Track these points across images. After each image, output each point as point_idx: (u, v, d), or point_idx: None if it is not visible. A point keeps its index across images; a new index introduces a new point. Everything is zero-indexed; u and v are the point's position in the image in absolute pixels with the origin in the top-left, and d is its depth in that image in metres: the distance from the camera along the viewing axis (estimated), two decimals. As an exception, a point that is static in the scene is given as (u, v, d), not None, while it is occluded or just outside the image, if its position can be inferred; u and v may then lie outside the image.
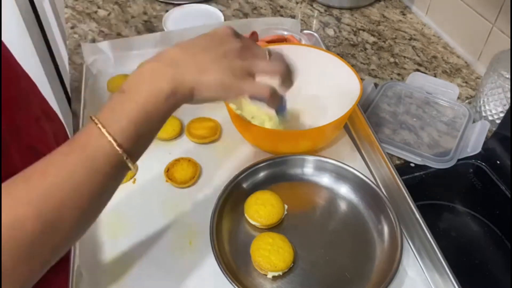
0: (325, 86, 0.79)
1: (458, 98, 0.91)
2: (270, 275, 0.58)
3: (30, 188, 0.39)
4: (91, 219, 0.44)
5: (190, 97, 0.47)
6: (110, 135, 0.41)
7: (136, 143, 0.44)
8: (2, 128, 0.52)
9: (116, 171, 0.43)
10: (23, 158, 0.49)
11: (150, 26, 1.09)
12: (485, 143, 0.80)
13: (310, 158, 0.70)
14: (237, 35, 0.51)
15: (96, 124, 0.42)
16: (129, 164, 0.44)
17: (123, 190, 0.70)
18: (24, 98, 0.59)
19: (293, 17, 1.15)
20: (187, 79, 0.46)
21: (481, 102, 0.85)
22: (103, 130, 0.41)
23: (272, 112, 0.59)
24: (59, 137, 0.70)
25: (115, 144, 0.41)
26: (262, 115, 0.78)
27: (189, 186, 0.70)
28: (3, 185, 0.39)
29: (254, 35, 0.90)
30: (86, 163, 0.41)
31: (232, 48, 0.49)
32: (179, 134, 0.78)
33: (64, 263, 0.63)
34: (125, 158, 0.42)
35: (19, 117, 0.57)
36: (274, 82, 0.52)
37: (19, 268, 0.37)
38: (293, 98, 0.81)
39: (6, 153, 0.53)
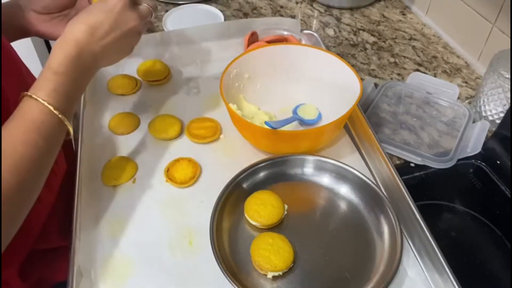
0: (325, 86, 0.79)
1: (458, 98, 0.91)
2: (270, 275, 0.58)
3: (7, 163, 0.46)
4: (45, 173, 0.52)
5: (94, 63, 0.57)
6: (44, 100, 0.50)
7: (69, 108, 0.53)
8: None
9: (56, 130, 0.52)
10: None
11: (150, 26, 1.09)
12: (485, 143, 0.80)
13: (310, 158, 0.70)
14: (131, 4, 0.60)
15: (30, 95, 0.50)
16: (68, 125, 0.52)
17: (123, 190, 0.70)
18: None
19: (293, 17, 1.15)
20: (99, 63, 0.58)
21: (481, 102, 0.85)
22: (38, 99, 0.50)
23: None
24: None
25: (51, 108, 0.50)
26: (262, 115, 0.78)
27: (189, 186, 0.70)
28: None
29: (254, 35, 0.90)
30: (40, 133, 0.49)
31: (132, 24, 0.60)
32: (179, 134, 0.78)
33: (64, 236, 0.63)
34: (61, 117, 0.51)
35: None
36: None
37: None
38: (293, 99, 0.82)
39: None
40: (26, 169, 0.47)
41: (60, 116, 0.51)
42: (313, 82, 0.80)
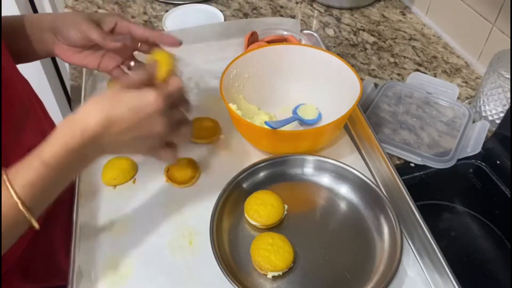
0: (325, 86, 0.79)
1: (458, 98, 0.91)
2: (270, 275, 0.58)
3: None
4: None
5: (95, 156, 0.52)
6: (15, 192, 0.45)
7: (40, 200, 0.47)
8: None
9: (17, 224, 0.47)
10: None
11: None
12: (485, 143, 0.80)
13: (310, 158, 0.70)
14: (166, 106, 0.51)
15: (4, 179, 0.45)
16: (32, 222, 0.47)
17: (123, 190, 0.70)
18: (21, 123, 0.61)
19: (293, 17, 1.15)
20: (101, 156, 0.52)
21: (481, 102, 0.85)
22: (10, 187, 0.45)
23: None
24: None
25: (19, 202, 0.45)
26: (262, 115, 0.78)
27: (189, 186, 0.70)
28: None
29: (254, 35, 0.90)
30: None
31: (156, 130, 0.52)
32: (179, 134, 0.78)
33: (64, 262, 0.63)
34: (27, 215, 0.46)
35: (13, 145, 0.58)
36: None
37: None
38: (293, 99, 0.82)
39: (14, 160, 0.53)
40: None
41: (26, 213, 0.46)
42: (313, 82, 0.80)
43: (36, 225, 0.47)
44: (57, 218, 0.70)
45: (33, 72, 0.68)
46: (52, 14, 0.66)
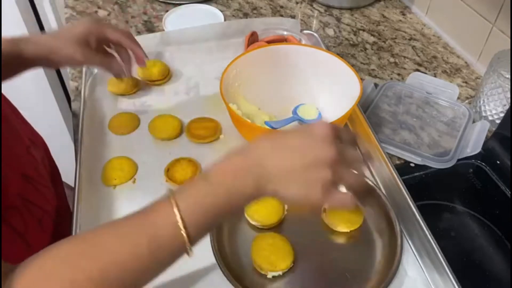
0: (325, 86, 0.79)
1: (458, 98, 0.91)
2: (270, 275, 0.58)
3: (92, 264, 0.39)
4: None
5: (269, 196, 0.46)
6: (186, 229, 0.41)
7: (200, 233, 0.43)
8: (2, 160, 0.53)
9: (175, 253, 0.43)
10: (18, 186, 0.49)
11: (150, 26, 1.09)
12: (485, 143, 0.80)
13: (310, 158, 0.70)
14: (335, 136, 0.47)
15: (172, 203, 0.42)
16: (188, 249, 0.43)
17: (123, 190, 0.70)
18: (13, 126, 0.60)
19: (293, 17, 1.15)
20: (269, 187, 0.44)
21: (481, 102, 0.85)
22: (179, 224, 0.41)
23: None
24: (46, 163, 0.71)
25: (186, 239, 0.41)
26: (263, 115, 0.78)
27: (189, 186, 0.70)
28: (58, 243, 0.39)
29: (254, 35, 0.90)
30: (152, 251, 0.41)
31: (325, 156, 0.45)
32: (179, 134, 0.78)
33: None
34: (188, 249, 0.42)
35: (12, 145, 0.58)
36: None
37: None
38: (293, 99, 0.82)
39: (5, 183, 0.53)
40: (114, 279, 0.39)
41: (187, 242, 0.42)
42: (313, 82, 0.80)
43: (191, 253, 0.43)
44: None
45: (33, 72, 0.68)
46: (44, 42, 0.66)
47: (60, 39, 0.66)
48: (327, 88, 0.78)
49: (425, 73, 0.98)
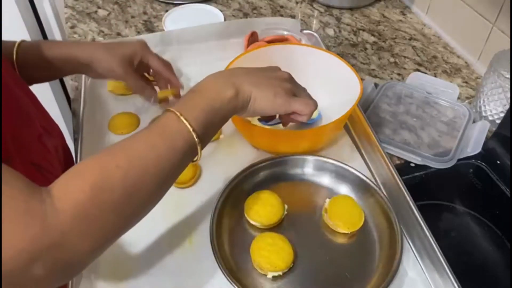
0: (325, 86, 0.79)
1: (458, 98, 0.91)
2: (270, 275, 0.58)
3: (119, 156, 0.45)
4: (164, 190, 0.50)
5: (247, 102, 0.56)
6: (187, 120, 0.49)
7: (205, 131, 0.51)
8: (8, 144, 0.52)
9: (188, 153, 0.50)
10: (27, 174, 0.49)
11: (150, 26, 1.09)
12: (485, 143, 0.80)
13: (310, 158, 0.70)
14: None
15: (175, 112, 0.49)
16: (198, 148, 0.51)
17: (123, 190, 0.70)
18: (25, 115, 0.60)
19: (293, 17, 1.15)
20: (246, 87, 0.56)
21: (481, 102, 0.85)
22: (181, 117, 0.49)
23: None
24: (60, 153, 0.70)
25: (190, 128, 0.49)
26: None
27: (189, 186, 0.70)
28: (91, 156, 0.45)
29: (254, 35, 0.90)
30: (166, 141, 0.48)
31: (284, 75, 0.61)
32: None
33: None
34: (197, 142, 0.50)
35: (23, 134, 0.58)
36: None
37: (101, 222, 0.43)
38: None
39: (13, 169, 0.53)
40: (138, 167, 0.45)
41: (193, 133, 0.50)
42: (313, 82, 0.80)
43: (200, 153, 0.51)
44: None
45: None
46: (90, 49, 0.72)
47: (107, 51, 0.72)
48: (327, 88, 0.78)
49: (425, 73, 0.98)
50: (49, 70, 0.70)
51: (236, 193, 0.66)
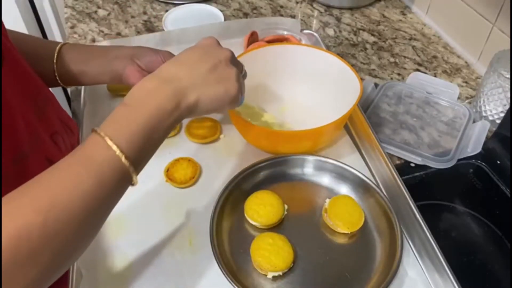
0: (325, 86, 0.79)
1: (458, 98, 0.91)
2: (270, 275, 0.58)
3: (38, 197, 0.38)
4: (93, 230, 0.44)
5: (194, 108, 0.50)
6: (117, 145, 0.42)
7: (141, 155, 0.45)
8: (24, 141, 0.52)
9: (121, 183, 0.44)
10: (42, 169, 0.49)
11: (150, 26, 1.09)
12: (485, 143, 0.80)
13: (310, 158, 0.70)
14: (219, 44, 0.56)
15: (102, 136, 0.42)
16: (133, 177, 0.44)
17: (123, 190, 0.70)
18: (42, 110, 0.60)
19: (293, 17, 1.15)
20: (190, 93, 0.49)
21: (481, 102, 0.85)
22: (110, 142, 0.42)
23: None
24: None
25: (121, 156, 0.42)
26: (262, 116, 0.78)
27: (189, 186, 0.70)
28: (9, 194, 0.39)
29: (254, 35, 0.90)
30: (92, 175, 0.41)
31: (224, 55, 0.54)
32: (179, 133, 0.78)
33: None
34: (130, 170, 0.43)
35: (38, 129, 0.58)
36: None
37: (18, 276, 0.36)
38: (293, 99, 0.82)
39: (26, 163, 0.53)
40: (61, 211, 0.38)
41: (124, 160, 0.42)
42: (313, 82, 0.80)
43: (136, 180, 0.45)
44: None
45: None
46: (130, 47, 0.70)
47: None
48: (327, 88, 0.78)
49: (425, 73, 0.98)
50: (85, 77, 0.69)
51: (236, 193, 0.66)
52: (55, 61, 0.67)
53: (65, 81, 0.69)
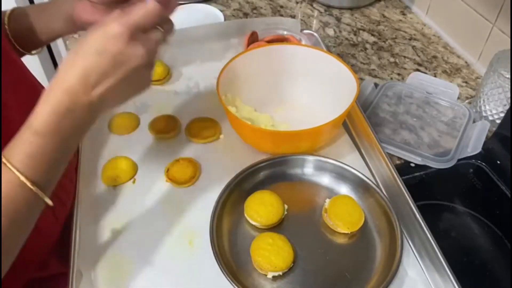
0: (323, 86, 0.79)
1: (458, 98, 0.91)
2: (270, 275, 0.58)
3: None
4: (9, 254, 0.44)
5: (103, 112, 0.48)
6: (15, 168, 0.42)
7: (50, 180, 0.45)
8: None
9: (29, 204, 0.44)
10: None
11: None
12: (485, 143, 0.80)
13: (310, 158, 0.70)
14: (138, 35, 0.47)
15: (8, 167, 0.42)
16: (45, 199, 0.44)
17: (123, 190, 0.70)
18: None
19: (293, 17, 1.15)
20: (104, 108, 0.48)
21: (481, 102, 0.85)
22: (8, 165, 0.42)
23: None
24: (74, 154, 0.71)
25: (28, 183, 0.42)
26: (261, 116, 0.78)
27: (189, 186, 0.70)
28: None
29: (254, 35, 0.90)
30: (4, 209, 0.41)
31: (132, 66, 0.47)
32: (179, 134, 0.78)
33: (64, 263, 0.63)
34: (40, 195, 0.43)
35: None
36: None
37: None
38: (291, 99, 0.82)
39: None
40: None
41: (33, 188, 0.43)
42: (311, 82, 0.80)
43: (49, 201, 0.45)
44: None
45: (33, 72, 0.68)
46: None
47: None
48: (325, 88, 0.78)
49: (425, 73, 0.98)
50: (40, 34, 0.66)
51: (236, 193, 0.66)
52: (6, 26, 0.64)
53: (22, 43, 0.66)
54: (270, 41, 0.86)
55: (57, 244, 0.64)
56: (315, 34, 0.95)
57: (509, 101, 0.80)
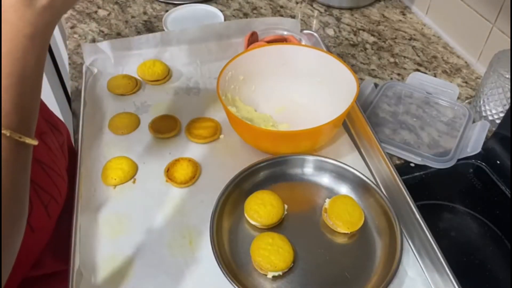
0: (323, 86, 0.79)
1: (458, 98, 0.91)
2: (270, 275, 0.58)
3: None
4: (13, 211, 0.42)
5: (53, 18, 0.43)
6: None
7: (24, 116, 0.41)
8: None
9: (12, 151, 0.40)
10: (32, 169, 0.49)
11: (150, 26, 1.09)
12: (485, 143, 0.80)
13: (310, 158, 0.70)
14: None
15: None
16: (25, 140, 0.40)
17: (123, 190, 0.70)
18: None
19: (293, 17, 1.15)
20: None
21: (481, 102, 0.85)
22: None
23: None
24: (65, 149, 0.70)
25: (7, 132, 0.38)
26: (259, 116, 0.78)
27: (189, 186, 0.70)
28: None
29: (254, 35, 0.90)
30: None
31: None
32: (179, 134, 0.78)
33: (58, 262, 0.63)
34: (17, 137, 0.39)
35: None
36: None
37: None
38: (291, 99, 0.82)
39: None
40: None
41: (7, 133, 0.39)
42: (311, 82, 0.80)
43: (32, 141, 0.41)
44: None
45: None
46: None
47: None
48: (325, 88, 0.78)
49: (425, 73, 0.98)
50: None
51: (236, 193, 0.66)
52: None
53: None
54: (270, 41, 0.86)
55: (51, 242, 0.64)
56: (315, 34, 0.96)
57: (509, 101, 0.80)
